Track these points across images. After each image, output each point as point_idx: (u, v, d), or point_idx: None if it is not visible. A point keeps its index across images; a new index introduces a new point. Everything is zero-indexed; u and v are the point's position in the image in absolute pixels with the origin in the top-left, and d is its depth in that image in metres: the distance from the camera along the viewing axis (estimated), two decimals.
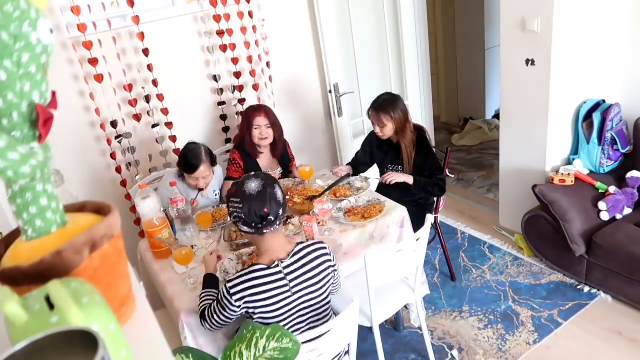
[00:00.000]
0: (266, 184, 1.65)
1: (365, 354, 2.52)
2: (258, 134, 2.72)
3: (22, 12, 0.63)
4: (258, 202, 1.62)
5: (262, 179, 1.67)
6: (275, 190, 1.66)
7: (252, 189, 1.63)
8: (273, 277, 1.68)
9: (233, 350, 1.29)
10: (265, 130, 2.72)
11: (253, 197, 1.62)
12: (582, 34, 2.79)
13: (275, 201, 1.64)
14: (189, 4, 2.81)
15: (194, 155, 2.48)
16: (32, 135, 0.68)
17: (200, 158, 2.48)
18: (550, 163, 3.03)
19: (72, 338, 0.52)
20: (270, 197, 1.63)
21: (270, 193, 1.64)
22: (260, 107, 2.76)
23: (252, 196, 1.62)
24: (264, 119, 2.71)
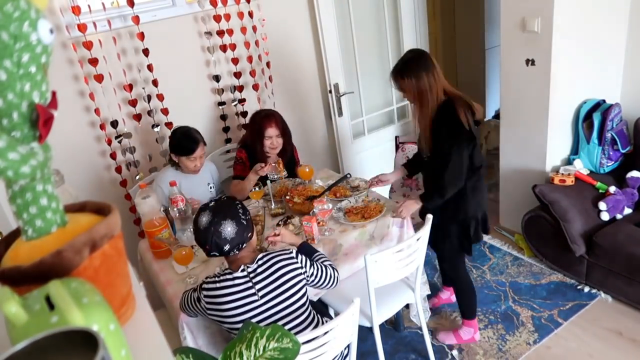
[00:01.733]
0: (212, 221, 1.66)
1: (365, 354, 2.52)
2: (269, 144, 2.72)
3: (22, 12, 0.63)
4: (202, 237, 1.69)
5: (213, 214, 1.67)
6: (221, 228, 1.65)
7: (201, 223, 1.68)
8: (239, 280, 1.72)
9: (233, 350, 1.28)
10: (276, 140, 2.72)
11: (199, 231, 1.69)
12: (582, 34, 2.79)
13: (219, 238, 1.65)
14: (189, 4, 2.81)
15: (189, 137, 2.53)
16: (32, 135, 0.68)
17: (196, 139, 2.54)
18: (550, 163, 3.03)
19: (72, 338, 0.52)
20: (212, 234, 1.65)
21: (214, 231, 1.65)
22: (271, 117, 2.72)
23: (198, 230, 1.69)
24: (275, 129, 2.70)
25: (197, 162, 2.57)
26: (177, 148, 2.55)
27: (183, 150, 2.53)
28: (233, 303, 1.71)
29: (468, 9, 4.81)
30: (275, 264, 1.77)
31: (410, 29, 3.69)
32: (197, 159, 2.56)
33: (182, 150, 2.53)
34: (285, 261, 1.79)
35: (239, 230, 1.69)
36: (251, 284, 1.73)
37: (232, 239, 1.68)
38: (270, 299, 1.74)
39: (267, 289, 1.74)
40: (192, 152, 2.51)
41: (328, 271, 1.91)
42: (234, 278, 1.72)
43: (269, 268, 1.76)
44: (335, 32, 3.27)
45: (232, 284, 1.72)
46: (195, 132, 2.57)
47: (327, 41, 3.22)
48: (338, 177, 2.76)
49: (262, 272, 1.75)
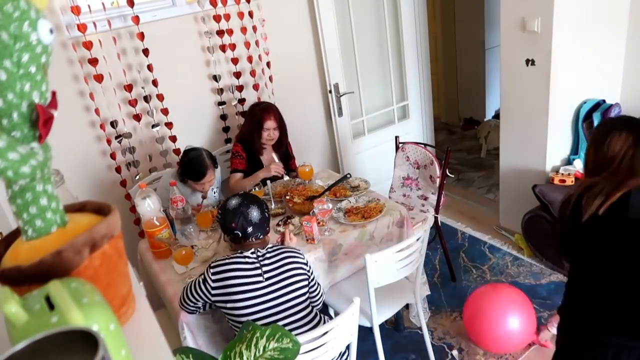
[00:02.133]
0: (242, 203, 1.83)
1: (365, 354, 2.52)
2: (267, 136, 2.76)
3: (22, 12, 0.63)
4: (229, 216, 1.82)
5: (243, 198, 1.85)
6: (249, 210, 1.81)
7: (231, 204, 1.84)
8: (248, 259, 1.79)
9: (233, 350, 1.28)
10: (273, 132, 2.77)
11: (228, 211, 1.83)
12: (582, 34, 2.79)
13: (244, 219, 1.80)
14: (189, 4, 2.81)
15: (199, 163, 2.49)
16: (32, 135, 0.68)
17: (205, 165, 2.50)
18: (550, 163, 3.03)
19: (72, 338, 0.52)
20: (240, 214, 1.80)
21: (242, 211, 1.81)
22: (269, 109, 2.77)
23: (227, 210, 1.83)
24: (273, 122, 2.75)
25: (205, 186, 2.56)
26: (185, 172, 2.54)
27: (191, 175, 2.52)
28: (239, 279, 1.75)
29: (468, 9, 4.81)
30: (285, 258, 1.84)
31: (410, 29, 3.70)
32: (206, 183, 2.54)
33: (190, 175, 2.52)
34: (294, 258, 1.86)
35: (262, 218, 1.84)
36: (258, 265, 1.79)
37: (255, 223, 1.81)
38: (274, 284, 1.79)
39: (273, 273, 1.80)
40: (201, 178, 2.51)
41: (320, 289, 1.99)
42: (244, 257, 1.79)
43: (277, 257, 1.83)
44: (335, 32, 3.27)
45: (241, 261, 1.78)
46: (206, 156, 2.53)
47: (327, 41, 3.22)
48: (338, 177, 2.76)
49: (271, 258, 1.82)
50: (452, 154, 4.56)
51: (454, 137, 5.16)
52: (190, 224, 2.40)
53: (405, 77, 3.78)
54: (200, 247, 2.22)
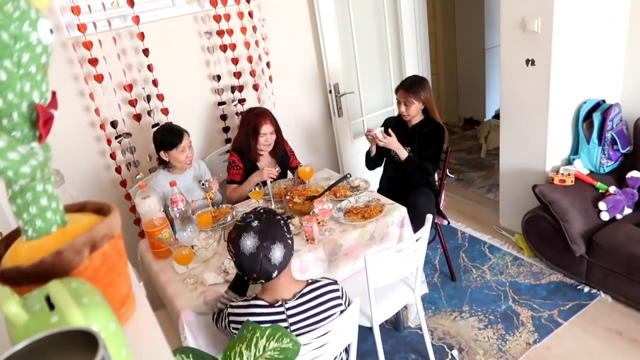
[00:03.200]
0: (261, 246, 1.51)
1: (365, 354, 2.52)
2: (264, 141, 2.73)
3: (22, 12, 0.63)
4: (249, 263, 1.53)
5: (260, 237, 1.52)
6: (271, 253, 1.52)
7: (246, 247, 1.52)
8: (274, 316, 1.61)
9: (233, 350, 1.28)
10: (270, 137, 2.74)
11: (245, 256, 1.53)
12: (582, 34, 2.79)
13: (268, 264, 1.52)
14: (189, 4, 2.81)
15: (171, 129, 2.56)
16: (32, 135, 0.68)
17: (179, 129, 2.56)
18: (550, 163, 3.03)
19: (72, 338, 0.52)
20: (262, 260, 1.51)
21: (264, 255, 1.51)
22: (264, 114, 2.72)
23: (244, 255, 1.53)
24: (270, 126, 2.71)
25: (187, 152, 2.58)
26: (163, 143, 2.55)
27: (171, 142, 2.54)
28: None
29: (468, 9, 4.81)
30: (320, 297, 1.65)
31: (410, 29, 3.70)
32: (187, 148, 2.57)
33: (170, 143, 2.54)
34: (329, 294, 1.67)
35: (287, 252, 1.56)
36: (287, 324, 1.62)
37: (280, 263, 1.54)
38: (301, 328, 1.65)
39: (301, 324, 1.64)
40: (180, 141, 2.53)
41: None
42: (268, 313, 1.60)
43: (309, 302, 1.64)
44: (335, 32, 3.27)
45: (265, 319, 1.59)
46: (175, 125, 2.61)
47: (327, 41, 3.22)
48: (338, 177, 2.76)
49: (302, 312, 1.62)
50: (452, 154, 4.57)
51: (454, 137, 5.16)
52: (190, 224, 2.40)
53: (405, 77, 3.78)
54: (200, 247, 2.22)
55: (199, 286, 2.03)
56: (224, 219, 2.46)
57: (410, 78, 2.85)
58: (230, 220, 2.45)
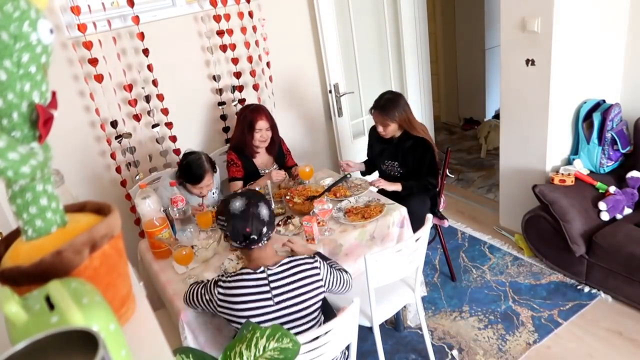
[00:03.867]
0: (250, 203, 1.69)
1: (365, 354, 2.52)
2: (259, 137, 2.73)
3: (22, 12, 0.63)
4: (241, 221, 1.68)
5: (247, 198, 1.71)
6: (258, 209, 1.70)
7: (236, 208, 1.69)
8: (257, 282, 1.70)
9: (233, 350, 1.28)
10: (265, 132, 2.74)
11: (236, 216, 1.68)
12: (582, 34, 2.79)
13: (258, 220, 1.68)
14: (189, 4, 2.81)
15: (198, 166, 2.48)
16: (32, 135, 0.68)
17: (204, 168, 2.48)
18: (550, 163, 3.03)
19: (72, 338, 0.52)
20: (252, 216, 1.68)
21: (252, 212, 1.68)
22: (259, 110, 2.74)
23: (235, 215, 1.69)
24: (265, 122, 2.71)
25: (203, 190, 2.54)
26: (184, 174, 2.51)
27: (190, 178, 2.50)
28: (247, 304, 1.69)
29: (468, 9, 4.81)
30: (298, 273, 1.74)
31: (410, 29, 3.70)
32: (204, 187, 2.53)
33: (188, 178, 2.51)
34: (308, 271, 1.76)
35: (271, 215, 1.73)
36: (268, 287, 1.70)
37: (267, 222, 1.70)
38: (285, 306, 1.72)
39: (284, 296, 1.72)
40: (199, 181, 2.49)
41: (344, 277, 1.90)
42: (252, 279, 1.70)
43: (290, 275, 1.73)
44: (335, 32, 3.27)
45: (249, 284, 1.70)
46: (205, 160, 2.52)
47: (327, 41, 3.22)
48: (338, 177, 2.76)
49: (282, 278, 1.72)
50: (452, 154, 4.57)
51: (454, 137, 5.16)
52: (190, 224, 2.40)
53: (405, 77, 3.78)
54: (200, 247, 2.22)
55: None
56: None
57: (385, 96, 2.72)
58: None
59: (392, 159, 2.81)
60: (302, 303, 1.74)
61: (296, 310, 1.74)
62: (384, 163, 2.86)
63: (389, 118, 2.66)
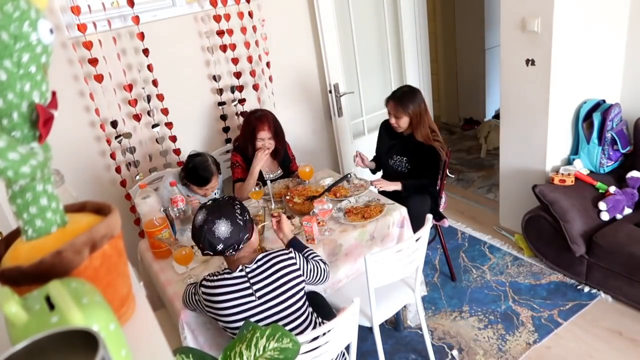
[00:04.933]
0: (206, 220, 1.67)
1: (365, 354, 2.52)
2: (261, 145, 2.73)
3: (22, 12, 0.63)
4: (196, 236, 1.71)
5: (207, 214, 1.69)
6: (215, 226, 1.66)
7: (197, 221, 1.71)
8: (237, 280, 1.73)
9: (233, 350, 1.28)
10: (268, 142, 2.73)
11: (195, 229, 1.71)
12: (582, 34, 2.79)
13: (212, 237, 1.66)
14: (189, 4, 2.81)
15: (204, 169, 2.50)
16: (32, 135, 0.68)
17: (211, 171, 2.51)
18: (550, 163, 3.03)
19: (72, 338, 0.52)
20: (205, 233, 1.66)
21: (207, 229, 1.66)
22: (263, 118, 2.71)
23: (194, 227, 1.71)
24: (267, 132, 2.70)
25: (208, 192, 2.57)
26: (189, 176, 2.54)
27: (196, 180, 2.53)
28: (229, 302, 1.72)
29: (468, 9, 4.81)
30: (275, 265, 1.77)
31: (410, 29, 3.70)
32: (209, 189, 2.56)
33: (194, 180, 2.53)
34: (284, 262, 1.79)
35: (234, 230, 1.68)
36: (249, 284, 1.73)
37: (226, 238, 1.67)
38: (268, 299, 1.75)
39: (265, 289, 1.74)
40: (205, 183, 2.52)
41: (320, 266, 1.93)
42: (232, 278, 1.73)
43: (268, 269, 1.76)
44: (335, 32, 3.27)
45: (230, 283, 1.72)
46: (211, 163, 2.54)
47: (327, 41, 3.22)
48: (338, 177, 2.76)
49: (261, 273, 1.75)
50: (452, 154, 4.57)
51: (454, 137, 5.16)
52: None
53: (405, 77, 3.78)
54: None
55: None
56: None
57: (403, 88, 2.76)
58: None
59: (401, 154, 2.81)
60: (284, 294, 1.76)
61: (280, 302, 1.76)
62: (392, 158, 2.85)
63: (403, 110, 2.66)
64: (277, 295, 1.76)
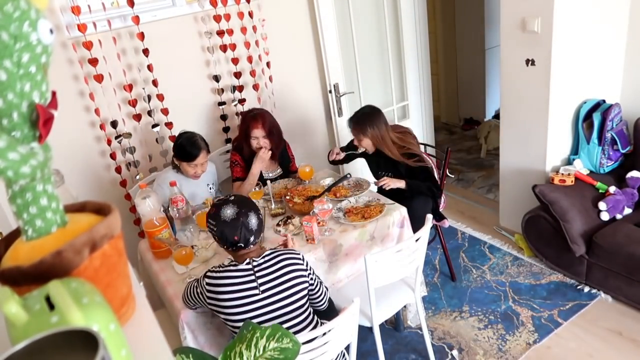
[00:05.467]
0: (240, 213, 1.72)
1: (365, 354, 2.52)
2: (255, 144, 2.74)
3: (22, 12, 0.63)
4: (230, 229, 1.72)
5: (238, 207, 1.74)
6: (248, 219, 1.73)
7: (227, 215, 1.73)
8: (243, 272, 1.74)
9: (233, 350, 1.28)
10: (262, 140, 2.73)
11: (226, 224, 1.72)
12: (582, 34, 2.79)
13: (246, 229, 1.72)
14: (189, 4, 2.81)
15: (192, 143, 2.53)
16: (32, 135, 0.68)
17: (198, 145, 2.54)
18: (550, 163, 3.03)
19: (72, 338, 0.52)
20: (241, 225, 1.71)
21: (242, 222, 1.72)
22: (257, 117, 2.72)
23: (225, 222, 1.72)
24: (261, 130, 2.71)
25: (197, 170, 2.58)
26: (179, 152, 2.56)
27: (184, 155, 2.54)
28: (232, 294, 1.72)
29: (468, 9, 4.81)
30: (282, 262, 1.78)
31: (410, 29, 3.70)
32: (198, 166, 2.57)
33: (183, 155, 2.55)
34: (292, 260, 1.80)
35: (260, 223, 1.77)
36: (254, 277, 1.74)
37: (256, 230, 1.74)
38: (271, 295, 1.75)
39: (269, 284, 1.75)
40: (193, 158, 2.53)
41: (323, 289, 1.94)
42: (237, 270, 1.74)
43: (274, 265, 1.77)
44: (335, 32, 3.27)
45: (235, 275, 1.73)
46: (199, 139, 2.57)
47: (327, 41, 3.22)
48: (338, 177, 2.76)
49: (267, 268, 1.76)
50: (452, 154, 4.57)
51: (454, 137, 5.16)
52: (190, 224, 2.40)
53: (405, 77, 3.78)
54: (200, 247, 2.22)
55: None
56: None
57: (363, 109, 2.69)
58: None
59: (385, 170, 2.78)
60: (287, 291, 1.76)
61: (282, 298, 1.76)
62: (378, 174, 2.85)
63: (362, 133, 2.63)
64: (281, 291, 1.76)
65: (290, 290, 1.77)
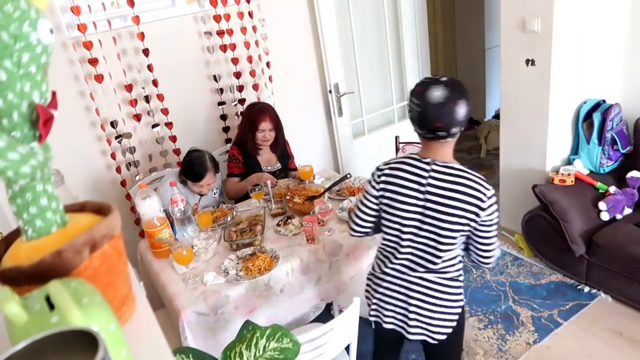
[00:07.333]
0: (450, 98, 1.50)
1: (365, 354, 2.52)
2: (262, 137, 2.75)
3: (22, 12, 0.63)
4: (435, 112, 1.50)
5: (451, 90, 1.52)
6: (457, 107, 1.51)
7: (435, 97, 1.50)
8: (418, 169, 1.57)
9: (233, 350, 1.28)
10: (269, 133, 2.75)
11: (430, 107, 1.50)
12: (582, 34, 2.79)
13: (452, 117, 1.50)
14: (189, 4, 2.81)
15: (199, 164, 2.51)
16: (32, 135, 0.68)
17: (206, 166, 2.52)
18: (550, 163, 3.03)
19: (72, 338, 0.52)
20: (447, 111, 1.50)
21: (450, 108, 1.50)
22: (264, 110, 2.74)
23: (429, 105, 1.50)
24: (269, 123, 2.72)
25: (203, 189, 2.57)
26: (186, 170, 2.56)
27: (191, 175, 2.54)
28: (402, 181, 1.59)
29: (468, 9, 4.82)
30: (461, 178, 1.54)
31: (410, 29, 3.70)
32: (205, 186, 2.56)
33: (190, 174, 2.54)
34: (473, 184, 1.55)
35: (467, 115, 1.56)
36: (427, 176, 1.56)
37: (461, 121, 1.54)
38: (429, 207, 1.55)
39: (434, 196, 1.54)
40: (199, 179, 2.53)
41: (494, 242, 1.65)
42: (418, 160, 1.58)
43: (451, 182, 1.54)
44: (335, 32, 3.26)
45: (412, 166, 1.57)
46: (208, 159, 2.55)
47: (327, 41, 3.22)
48: (338, 177, 2.76)
49: (443, 178, 1.54)
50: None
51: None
52: (190, 224, 2.40)
53: (405, 77, 3.78)
54: (200, 247, 2.22)
55: (199, 286, 2.03)
56: (224, 219, 2.46)
57: None
58: (230, 220, 2.45)
59: None
60: (445, 214, 1.53)
61: (437, 217, 1.54)
62: None
63: None
64: (439, 209, 1.54)
65: (449, 215, 1.53)
